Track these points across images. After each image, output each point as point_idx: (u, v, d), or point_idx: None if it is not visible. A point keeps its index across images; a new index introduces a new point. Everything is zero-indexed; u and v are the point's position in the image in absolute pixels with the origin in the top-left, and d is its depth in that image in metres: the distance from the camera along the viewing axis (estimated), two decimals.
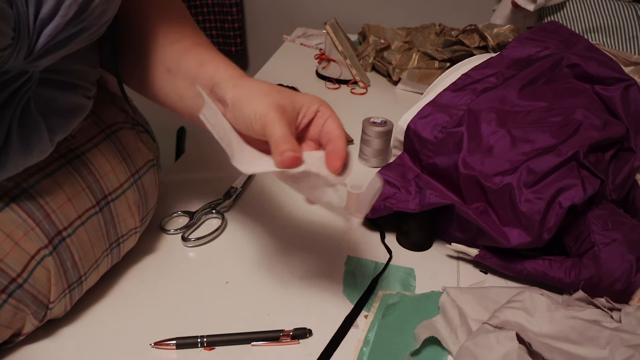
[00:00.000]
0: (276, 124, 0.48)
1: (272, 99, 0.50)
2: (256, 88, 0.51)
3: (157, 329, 0.58)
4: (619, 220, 0.63)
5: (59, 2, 0.43)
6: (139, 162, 0.64)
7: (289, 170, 0.48)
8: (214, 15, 1.83)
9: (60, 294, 0.55)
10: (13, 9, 0.40)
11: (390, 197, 0.72)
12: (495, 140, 0.69)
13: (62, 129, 0.53)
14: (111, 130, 0.62)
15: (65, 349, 0.55)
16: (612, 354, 0.51)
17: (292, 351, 0.57)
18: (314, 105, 0.52)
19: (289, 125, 0.49)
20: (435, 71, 1.20)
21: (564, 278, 0.62)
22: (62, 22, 0.44)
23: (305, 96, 0.53)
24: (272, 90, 0.51)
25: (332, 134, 0.51)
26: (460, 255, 0.70)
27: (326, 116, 0.52)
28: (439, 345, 0.57)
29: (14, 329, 0.52)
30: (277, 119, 0.48)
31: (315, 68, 1.30)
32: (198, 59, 0.56)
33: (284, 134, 0.48)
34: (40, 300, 0.53)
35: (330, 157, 0.50)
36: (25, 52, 0.43)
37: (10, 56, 0.42)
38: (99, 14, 0.47)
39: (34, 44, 0.44)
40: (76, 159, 0.56)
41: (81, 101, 0.55)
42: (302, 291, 0.64)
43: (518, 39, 0.83)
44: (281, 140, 0.48)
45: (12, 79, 0.46)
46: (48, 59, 0.47)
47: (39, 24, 0.43)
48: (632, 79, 0.73)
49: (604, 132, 0.67)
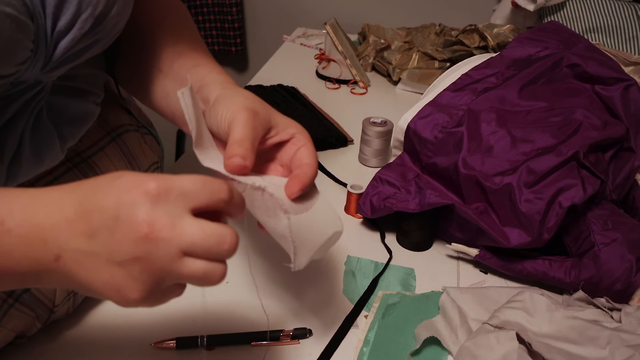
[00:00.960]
0: (240, 126, 0.45)
1: (250, 102, 0.47)
2: (240, 93, 0.49)
3: (157, 329, 0.58)
4: (619, 220, 0.63)
5: (75, 15, 0.43)
6: (143, 164, 0.64)
7: (237, 177, 0.45)
8: (214, 15, 1.83)
9: (65, 298, 0.55)
10: (34, 22, 0.41)
11: (390, 197, 0.72)
12: (496, 140, 0.69)
13: (73, 137, 0.53)
14: (116, 133, 0.62)
15: (66, 349, 0.55)
16: (612, 354, 0.51)
17: (292, 351, 0.57)
18: (291, 129, 0.49)
19: (254, 130, 0.46)
20: (435, 71, 1.20)
21: (564, 278, 0.62)
22: (79, 34, 0.44)
23: (287, 119, 0.50)
24: (256, 99, 0.49)
25: (303, 161, 0.47)
26: (460, 255, 0.70)
27: (301, 144, 0.48)
28: (439, 345, 0.57)
29: (18, 332, 0.52)
30: (244, 121, 0.45)
31: (315, 68, 1.30)
32: (192, 61, 0.56)
33: (242, 137, 0.45)
34: (45, 304, 0.53)
35: (291, 180, 0.46)
36: (42, 63, 0.44)
37: (28, 68, 0.43)
38: (112, 25, 0.47)
39: (51, 55, 0.44)
40: (82, 163, 0.57)
41: (91, 108, 0.56)
42: (302, 291, 0.64)
43: (518, 39, 0.83)
44: (236, 143, 0.44)
45: (26, 88, 0.46)
46: (63, 69, 0.47)
47: (56, 36, 0.43)
48: (632, 79, 0.73)
49: (604, 132, 0.67)
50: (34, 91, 0.47)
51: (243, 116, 0.45)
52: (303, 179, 0.46)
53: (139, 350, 0.55)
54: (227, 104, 0.47)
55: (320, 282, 0.66)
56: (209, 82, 0.52)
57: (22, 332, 0.53)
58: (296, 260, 0.46)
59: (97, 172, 0.57)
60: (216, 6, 1.80)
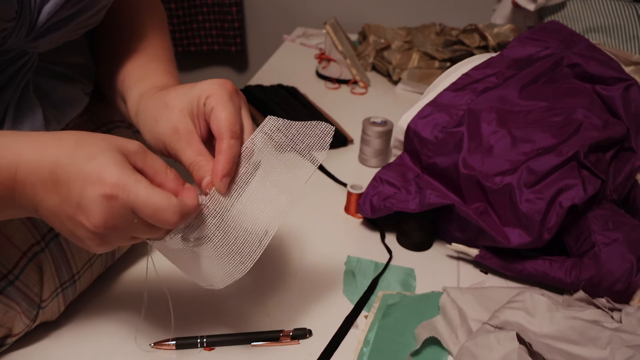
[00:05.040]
0: (184, 154, 0.47)
1: (180, 119, 0.47)
2: (169, 111, 0.48)
3: (157, 329, 0.58)
4: (619, 221, 0.63)
5: None
6: None
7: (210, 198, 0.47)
8: (214, 15, 1.83)
9: (53, 293, 0.54)
10: None
11: (390, 197, 0.72)
12: (496, 140, 0.69)
13: (57, 120, 0.53)
14: (107, 128, 0.62)
15: (65, 350, 0.55)
16: (612, 355, 0.51)
17: (292, 351, 0.57)
18: (203, 92, 0.47)
19: (194, 146, 0.47)
20: (436, 71, 1.20)
21: (564, 278, 0.62)
22: (62, 0, 0.44)
23: (200, 85, 0.48)
24: (181, 107, 0.48)
25: (220, 131, 0.46)
26: (461, 255, 0.70)
27: (211, 106, 0.47)
28: (439, 345, 0.57)
29: (4, 327, 0.51)
30: (183, 145, 0.47)
31: (315, 68, 1.30)
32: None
33: (191, 161, 0.47)
34: (31, 299, 0.52)
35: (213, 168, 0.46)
36: (26, 28, 0.44)
37: (13, 31, 0.43)
38: None
39: (35, 21, 0.44)
40: None
41: (78, 95, 0.56)
42: (302, 291, 0.64)
43: (518, 39, 0.83)
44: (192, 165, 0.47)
45: (12, 59, 0.47)
46: (47, 39, 0.47)
47: (39, 1, 0.44)
48: (632, 78, 0.73)
49: (604, 132, 0.67)
50: (19, 63, 0.47)
51: (181, 141, 0.47)
52: (217, 166, 0.45)
53: (139, 350, 0.55)
54: (162, 126, 0.48)
55: (320, 282, 0.66)
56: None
57: (9, 328, 0.51)
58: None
59: None
60: (216, 6, 1.80)
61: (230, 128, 0.46)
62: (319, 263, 0.69)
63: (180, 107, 0.47)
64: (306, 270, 0.68)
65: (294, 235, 0.74)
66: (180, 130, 0.47)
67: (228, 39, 1.85)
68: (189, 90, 0.48)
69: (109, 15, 0.58)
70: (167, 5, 1.77)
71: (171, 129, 0.47)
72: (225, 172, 0.45)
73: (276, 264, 0.68)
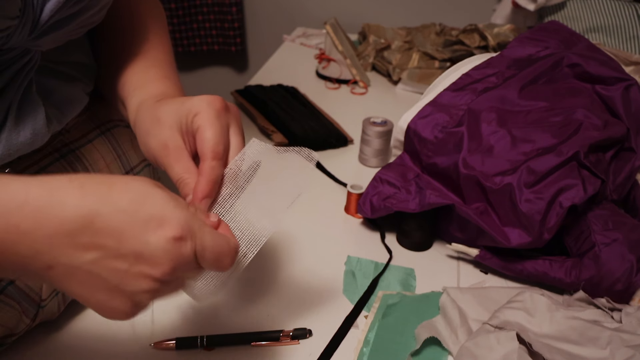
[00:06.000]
0: (172, 170, 0.47)
1: (170, 135, 0.47)
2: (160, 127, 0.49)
3: (157, 329, 0.58)
4: (619, 220, 0.63)
5: None
6: (133, 160, 0.64)
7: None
8: (214, 15, 1.83)
9: (52, 292, 0.54)
10: None
11: (390, 197, 0.72)
12: (496, 140, 0.69)
13: (58, 120, 0.53)
14: (106, 127, 0.62)
15: (64, 350, 0.55)
16: (612, 355, 0.51)
17: (292, 351, 0.57)
18: (193, 109, 0.46)
19: (184, 163, 0.47)
20: (436, 71, 1.20)
21: (564, 278, 0.62)
22: None
23: (193, 101, 0.47)
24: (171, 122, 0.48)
25: (202, 150, 0.45)
26: (461, 255, 0.70)
27: (196, 126, 0.46)
28: (439, 345, 0.57)
29: (5, 327, 0.51)
30: (172, 162, 0.47)
31: (315, 68, 1.30)
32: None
33: (178, 178, 0.47)
34: (31, 298, 0.52)
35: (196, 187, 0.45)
36: (30, 26, 0.44)
37: (16, 29, 0.43)
38: None
39: (38, 19, 0.44)
40: (70, 154, 0.57)
41: (79, 95, 0.56)
42: (302, 291, 0.64)
43: (518, 39, 0.83)
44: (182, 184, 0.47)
45: (15, 57, 0.47)
46: (50, 37, 0.47)
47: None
48: (632, 78, 0.73)
49: (604, 132, 0.67)
50: (22, 61, 0.47)
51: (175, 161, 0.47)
52: (197, 187, 0.45)
53: (139, 350, 0.55)
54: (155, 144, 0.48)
55: (320, 282, 0.66)
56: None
57: (9, 328, 0.51)
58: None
59: (85, 164, 0.57)
60: (216, 6, 1.80)
61: (213, 149, 0.45)
62: (319, 263, 0.69)
63: (170, 124, 0.47)
64: (306, 270, 0.68)
65: (294, 235, 0.74)
66: (170, 146, 0.47)
67: (228, 39, 1.85)
68: (180, 106, 0.48)
69: (108, 16, 0.58)
70: (167, 5, 1.77)
71: (161, 144, 0.47)
72: (205, 194, 0.45)
73: (276, 264, 0.68)
